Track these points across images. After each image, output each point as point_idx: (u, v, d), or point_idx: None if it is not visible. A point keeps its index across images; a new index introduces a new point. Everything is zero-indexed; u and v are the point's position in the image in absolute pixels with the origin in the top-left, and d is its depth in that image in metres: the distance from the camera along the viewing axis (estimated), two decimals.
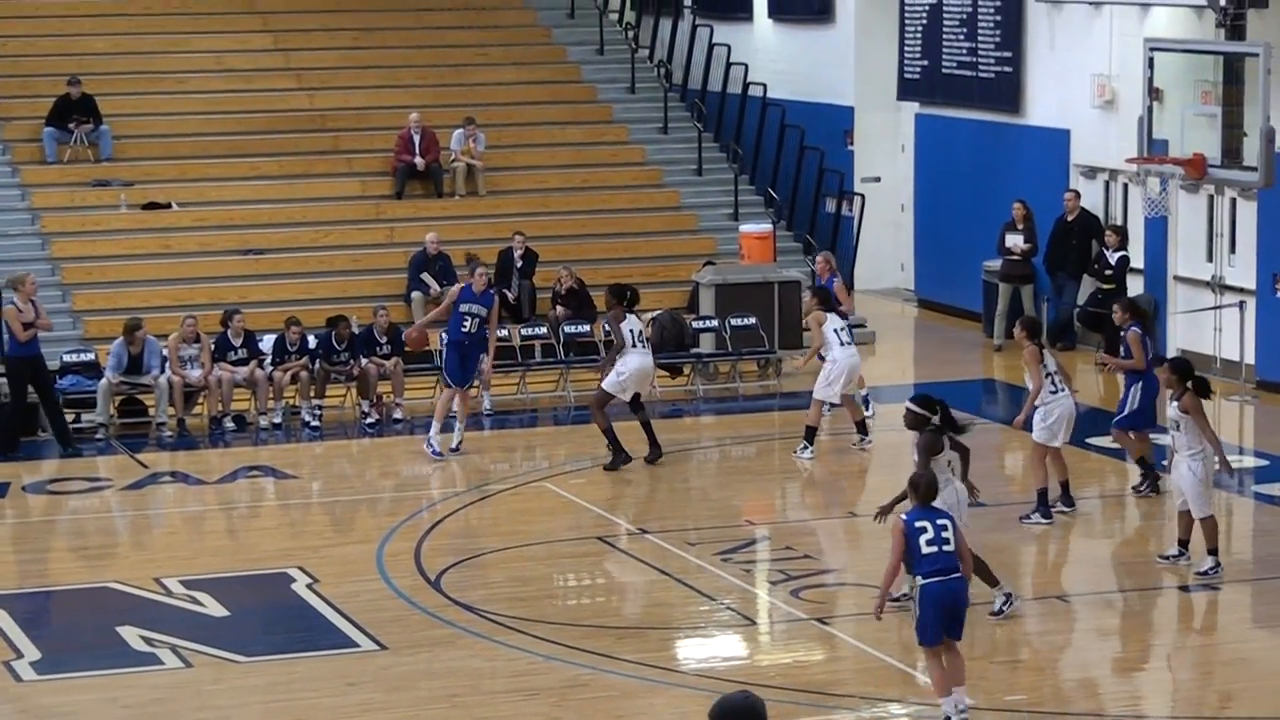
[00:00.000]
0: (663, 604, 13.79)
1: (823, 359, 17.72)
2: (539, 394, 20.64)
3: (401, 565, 14.70)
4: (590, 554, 15.10)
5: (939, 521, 10.92)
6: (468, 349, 17.79)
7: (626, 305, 17.25)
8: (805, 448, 17.56)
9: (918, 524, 10.90)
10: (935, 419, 12.55)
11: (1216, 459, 13.73)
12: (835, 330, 17.67)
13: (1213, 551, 13.78)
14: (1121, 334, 16.33)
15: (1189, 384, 13.70)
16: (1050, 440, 15.21)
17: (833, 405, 18.04)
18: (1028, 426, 15.36)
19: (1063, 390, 15.26)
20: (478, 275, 17.87)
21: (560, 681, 12.23)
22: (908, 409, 12.72)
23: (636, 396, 17.27)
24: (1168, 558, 14.09)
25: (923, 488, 11.10)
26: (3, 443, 18.49)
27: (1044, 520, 15.16)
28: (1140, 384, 15.94)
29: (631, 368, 17.09)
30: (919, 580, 10.94)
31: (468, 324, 17.68)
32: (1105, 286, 21.58)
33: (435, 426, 17.78)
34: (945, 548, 10.84)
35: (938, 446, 12.48)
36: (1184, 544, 14.02)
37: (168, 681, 12.38)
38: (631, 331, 17.20)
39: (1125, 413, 16.14)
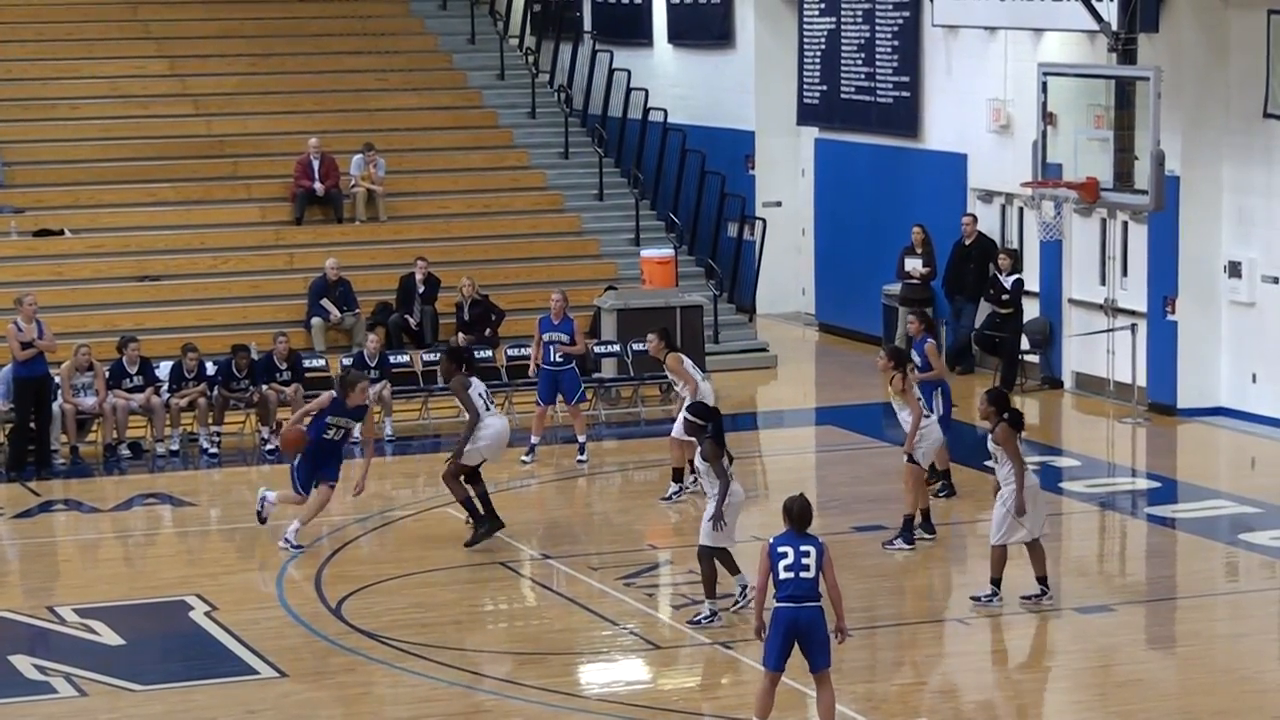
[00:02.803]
0: (566, 629, 13.75)
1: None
2: (442, 419, 20.55)
3: (302, 592, 14.57)
4: (493, 579, 15.03)
5: (802, 548, 11.00)
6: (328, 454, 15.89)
7: (465, 369, 15.91)
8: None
9: (780, 549, 11.03)
10: (710, 427, 13.38)
11: (1018, 490, 13.58)
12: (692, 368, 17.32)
13: (994, 581, 13.75)
14: (916, 345, 16.78)
15: (1005, 416, 13.77)
16: (924, 464, 15.35)
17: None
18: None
19: (933, 414, 15.42)
20: (358, 389, 15.88)
21: (463, 708, 12.17)
22: (685, 419, 13.49)
23: (476, 467, 15.70)
24: (1030, 597, 13.86)
25: (795, 513, 11.17)
26: (10, 462, 18.54)
27: (906, 546, 15.17)
28: (940, 390, 16.66)
29: (489, 434, 15.62)
30: (774, 603, 11.05)
31: (331, 433, 15.78)
32: (1001, 310, 21.81)
33: (298, 526, 15.73)
34: (803, 574, 10.94)
35: (719, 452, 13.34)
36: (1042, 580, 13.86)
37: (62, 711, 12.21)
38: (481, 395, 15.83)
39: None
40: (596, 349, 21.67)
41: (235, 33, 26.89)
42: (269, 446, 19.36)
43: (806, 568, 10.93)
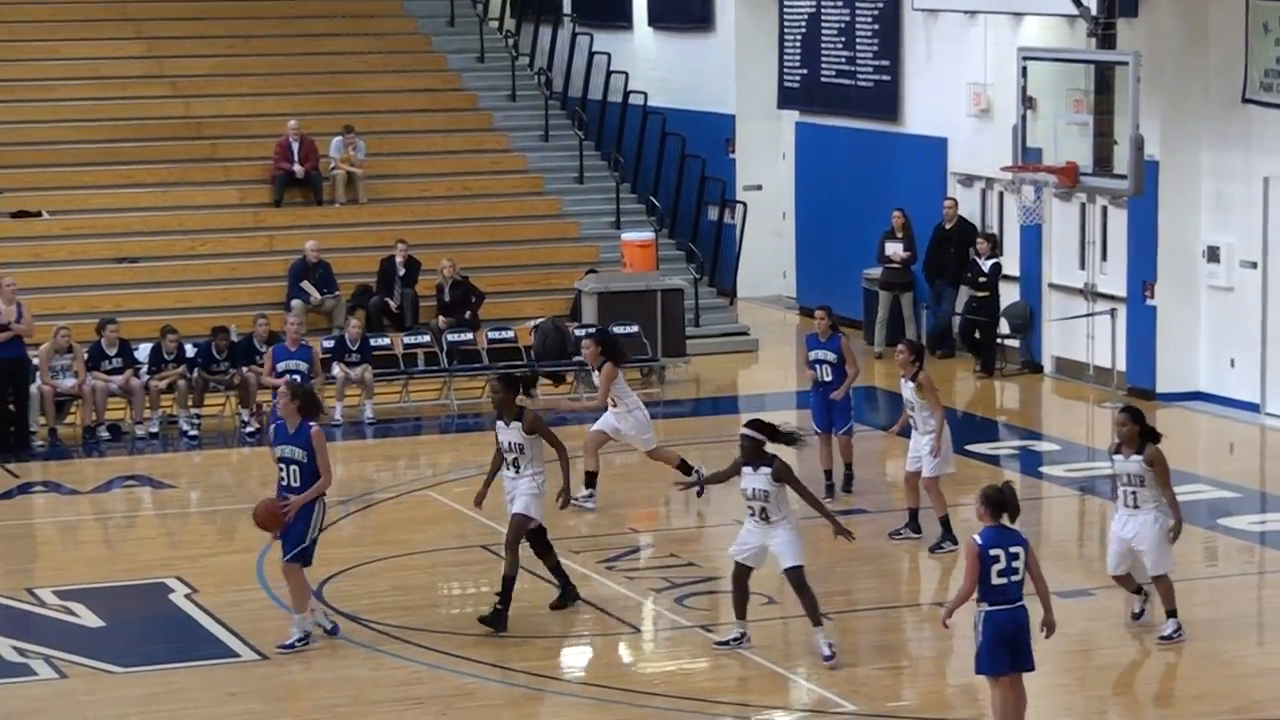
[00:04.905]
0: (547, 612, 13.74)
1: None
2: (422, 402, 20.55)
3: (283, 575, 14.50)
4: (474, 562, 15.02)
5: (1011, 550, 10.54)
6: None
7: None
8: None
9: (992, 551, 10.51)
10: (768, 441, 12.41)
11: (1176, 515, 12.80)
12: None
13: (1173, 613, 12.95)
14: (825, 342, 16.42)
15: (1152, 437, 12.87)
16: (945, 469, 14.86)
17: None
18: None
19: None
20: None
21: (444, 690, 12.17)
22: (744, 434, 12.42)
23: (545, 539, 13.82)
24: (1137, 615, 13.19)
25: (1010, 504, 10.54)
26: None
27: (954, 545, 14.75)
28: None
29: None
30: (985, 607, 10.58)
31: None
32: (979, 294, 21.86)
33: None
34: (1014, 578, 10.54)
35: (791, 469, 12.47)
36: (1138, 591, 13.20)
37: (41, 693, 12.19)
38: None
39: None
40: (577, 332, 21.67)
41: (213, 14, 26.77)
42: (249, 429, 19.33)
43: (1016, 570, 10.53)
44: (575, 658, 13.01)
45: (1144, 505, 12.80)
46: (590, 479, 16.24)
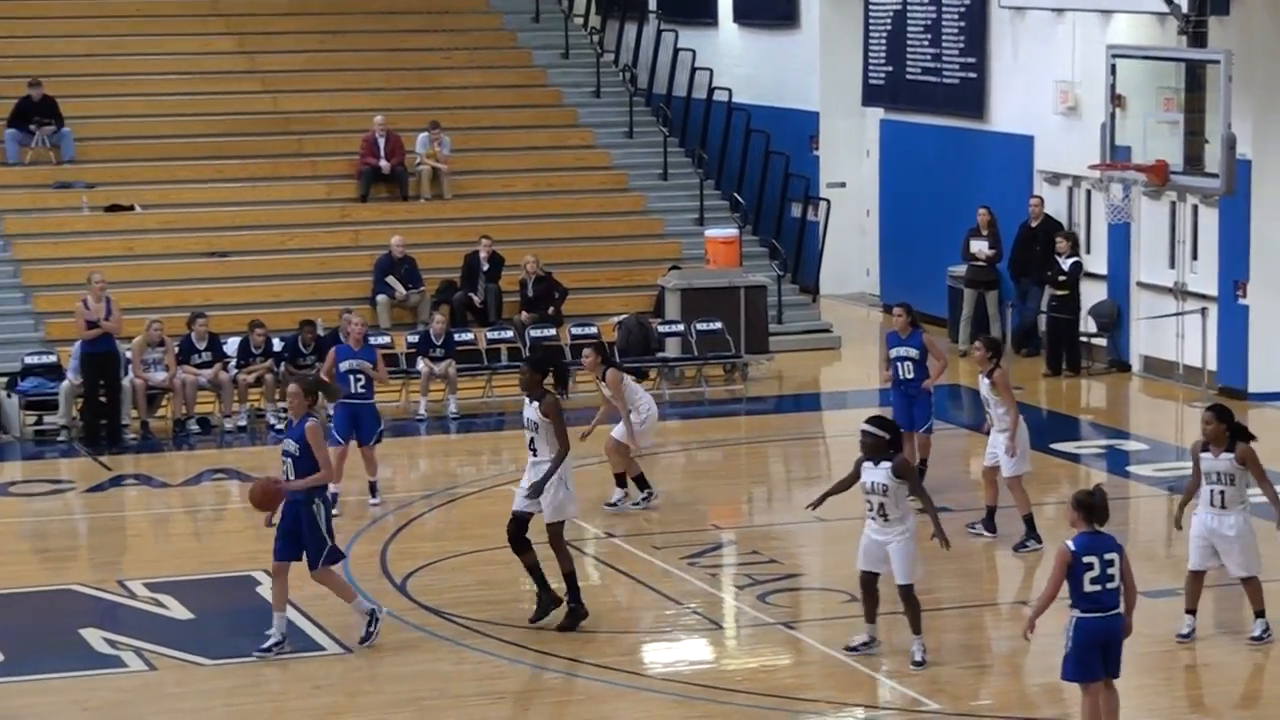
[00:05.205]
0: (629, 608, 13.80)
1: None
2: (505, 397, 20.64)
3: (367, 568, 14.66)
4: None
5: (1106, 557, 10.32)
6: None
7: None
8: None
9: (1085, 559, 10.29)
10: (894, 439, 12.11)
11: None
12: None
13: (1261, 613, 12.77)
14: (906, 339, 16.18)
15: (1239, 433, 12.62)
16: (1023, 467, 14.77)
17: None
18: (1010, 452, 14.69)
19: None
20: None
21: (527, 685, 12.24)
22: (866, 431, 12.15)
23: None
24: (1184, 636, 12.87)
25: (1099, 509, 10.34)
26: (85, 435, 18.89)
27: (1038, 545, 14.71)
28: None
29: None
30: (1076, 614, 10.42)
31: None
32: (1059, 293, 21.71)
33: None
34: (1109, 585, 10.35)
35: (914, 468, 12.32)
36: (1192, 612, 12.93)
37: (131, 684, 12.34)
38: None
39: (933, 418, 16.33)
40: (660, 328, 21.72)
41: (302, 10, 27.02)
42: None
43: (1111, 578, 10.35)
44: (657, 654, 13.03)
45: (1231, 505, 12.64)
46: (640, 481, 16.16)
